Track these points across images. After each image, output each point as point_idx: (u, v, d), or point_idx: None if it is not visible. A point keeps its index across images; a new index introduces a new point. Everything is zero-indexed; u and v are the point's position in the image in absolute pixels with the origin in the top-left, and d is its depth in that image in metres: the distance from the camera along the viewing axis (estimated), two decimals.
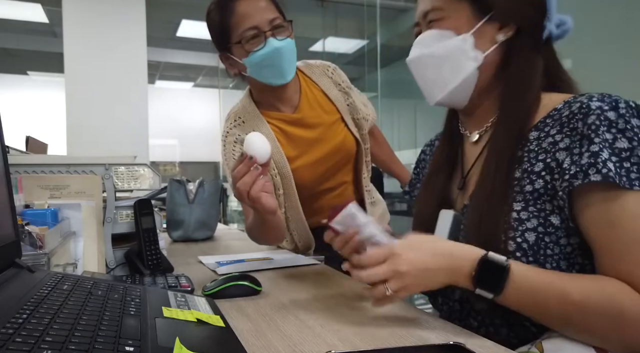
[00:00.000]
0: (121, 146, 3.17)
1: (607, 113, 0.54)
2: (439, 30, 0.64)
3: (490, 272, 0.53)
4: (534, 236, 0.57)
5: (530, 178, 0.59)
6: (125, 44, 3.30)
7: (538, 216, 0.57)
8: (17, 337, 0.33)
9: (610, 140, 0.53)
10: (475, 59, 0.63)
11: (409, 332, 0.56)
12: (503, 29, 0.63)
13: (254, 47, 0.97)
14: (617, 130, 0.53)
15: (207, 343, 0.45)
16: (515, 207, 0.59)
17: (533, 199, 0.58)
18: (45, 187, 0.82)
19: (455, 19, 0.63)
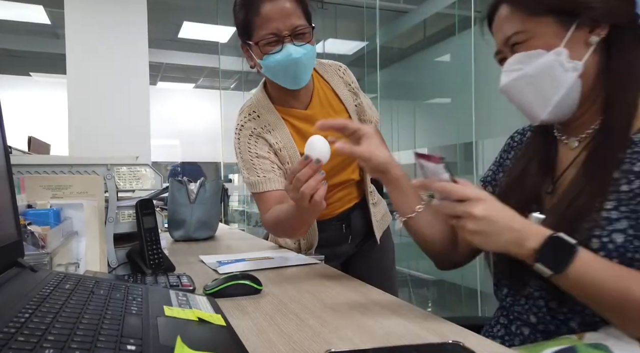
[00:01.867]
0: (123, 146, 3.17)
1: None
2: (526, 52, 0.61)
3: (556, 249, 0.52)
4: (622, 237, 0.54)
5: (627, 178, 0.56)
6: (127, 46, 3.31)
7: (629, 217, 0.55)
8: (19, 336, 0.33)
9: None
10: (575, 68, 0.60)
11: (408, 330, 0.56)
12: (595, 30, 0.60)
13: (271, 50, 0.98)
14: None
15: (208, 342, 0.46)
16: (607, 205, 0.56)
17: (627, 199, 0.56)
18: (47, 187, 0.83)
19: (541, 37, 0.60)
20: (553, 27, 0.60)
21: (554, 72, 0.60)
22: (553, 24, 0.60)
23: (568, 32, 0.59)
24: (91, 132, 3.15)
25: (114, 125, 3.23)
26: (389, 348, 0.50)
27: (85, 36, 3.19)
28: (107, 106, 3.23)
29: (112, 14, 3.26)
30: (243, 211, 6.45)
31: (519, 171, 0.72)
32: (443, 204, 0.57)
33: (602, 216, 0.56)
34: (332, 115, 1.13)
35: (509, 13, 0.63)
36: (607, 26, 0.59)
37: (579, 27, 0.59)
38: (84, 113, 3.16)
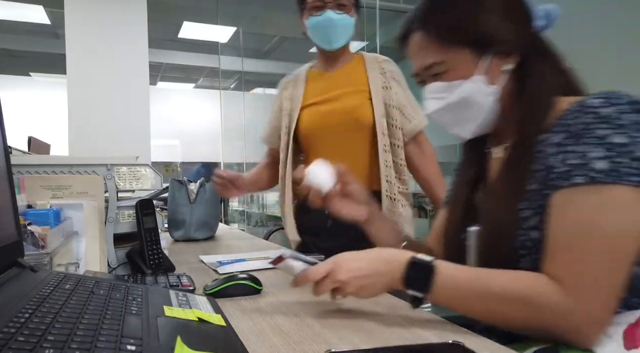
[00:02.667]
0: (123, 147, 3.17)
1: (604, 109, 0.54)
2: (448, 83, 0.66)
3: (418, 272, 0.58)
4: (537, 233, 0.58)
5: (534, 177, 0.60)
6: (127, 46, 3.30)
7: (539, 213, 0.58)
8: (19, 336, 0.33)
9: (604, 136, 0.53)
10: (493, 93, 0.65)
11: (408, 330, 0.56)
12: (508, 57, 0.64)
13: (315, 13, 1.19)
14: (614, 125, 0.53)
15: (208, 342, 0.46)
16: (520, 205, 0.60)
17: (534, 197, 0.59)
18: (47, 187, 0.83)
19: (460, 68, 0.64)
20: (469, 56, 0.64)
21: (475, 98, 0.65)
22: (469, 54, 0.64)
23: (484, 61, 0.64)
24: (91, 132, 3.15)
25: (114, 125, 3.23)
26: (389, 348, 0.50)
27: (85, 36, 3.18)
28: (107, 106, 3.23)
29: (112, 14, 3.26)
30: (243, 211, 6.46)
31: (456, 185, 0.79)
32: (317, 290, 0.61)
33: (520, 216, 0.60)
34: (351, 88, 1.24)
35: (424, 40, 0.67)
36: (518, 55, 0.65)
37: (494, 56, 0.64)
38: (84, 113, 3.16)
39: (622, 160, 0.51)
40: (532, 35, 0.66)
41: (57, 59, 5.06)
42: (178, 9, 4.81)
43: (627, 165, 0.51)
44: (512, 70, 0.65)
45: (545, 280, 0.53)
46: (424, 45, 0.67)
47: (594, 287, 0.51)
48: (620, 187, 0.51)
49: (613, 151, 0.52)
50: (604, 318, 0.52)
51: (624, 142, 0.52)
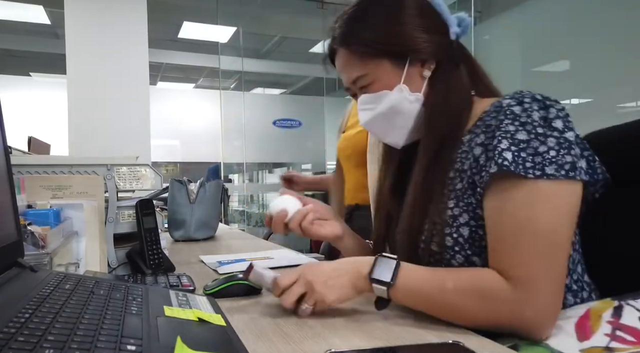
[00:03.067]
0: (123, 147, 3.17)
1: (513, 108, 0.58)
2: (374, 94, 0.69)
3: (384, 264, 0.60)
4: (467, 230, 0.61)
5: (460, 176, 0.64)
6: (127, 46, 3.30)
7: (467, 210, 0.62)
8: (19, 336, 0.33)
9: (512, 132, 0.57)
10: (417, 99, 0.69)
11: (408, 330, 0.56)
12: (425, 65, 0.68)
13: None
14: (520, 123, 0.57)
15: (209, 342, 0.46)
16: (449, 204, 0.63)
17: (462, 195, 0.63)
18: (47, 187, 0.83)
19: (382, 78, 0.68)
20: (390, 67, 0.68)
21: (402, 107, 0.68)
22: (389, 65, 0.68)
23: (404, 70, 0.67)
24: (91, 132, 3.15)
25: (114, 125, 3.23)
26: (389, 348, 0.50)
27: (85, 36, 3.18)
28: (107, 106, 3.23)
29: (112, 14, 3.25)
30: (243, 211, 6.46)
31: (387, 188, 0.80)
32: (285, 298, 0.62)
33: (448, 215, 0.63)
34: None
35: (346, 56, 0.71)
36: (434, 61, 0.68)
37: (412, 64, 0.68)
38: (83, 113, 3.16)
39: (524, 155, 0.55)
40: (446, 43, 0.69)
41: (57, 59, 5.05)
42: (178, 9, 4.80)
43: (528, 160, 0.55)
44: (429, 77, 0.69)
45: (495, 275, 0.56)
46: (347, 60, 0.71)
47: (539, 280, 0.54)
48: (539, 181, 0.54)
49: (517, 146, 0.56)
50: (554, 308, 0.55)
51: (526, 138, 0.56)
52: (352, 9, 0.71)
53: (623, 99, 2.81)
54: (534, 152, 0.55)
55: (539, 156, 0.55)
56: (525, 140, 0.56)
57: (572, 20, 2.95)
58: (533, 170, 0.54)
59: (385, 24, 0.68)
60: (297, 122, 5.37)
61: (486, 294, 0.55)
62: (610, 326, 0.52)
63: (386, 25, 0.68)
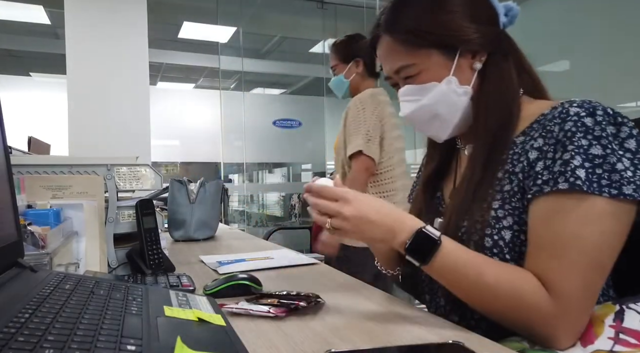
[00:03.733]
0: (123, 147, 3.17)
1: (585, 119, 0.55)
2: (420, 85, 0.66)
3: (422, 243, 0.58)
4: (510, 234, 0.60)
5: (509, 179, 0.61)
6: (127, 46, 3.30)
7: (513, 214, 0.60)
8: (19, 336, 0.33)
9: (585, 147, 0.54)
10: (466, 92, 0.66)
11: (408, 330, 0.56)
12: (476, 56, 0.66)
13: None
14: (593, 137, 0.54)
15: (209, 342, 0.46)
16: (494, 205, 0.61)
17: (509, 198, 0.61)
18: (47, 187, 0.83)
19: (431, 70, 0.65)
20: (438, 58, 0.65)
21: (449, 99, 0.65)
22: (438, 56, 0.65)
23: (453, 62, 0.64)
24: (91, 132, 3.15)
25: (114, 125, 3.23)
26: (389, 348, 0.50)
27: (85, 36, 3.18)
28: (107, 106, 3.23)
29: (112, 14, 3.25)
30: (243, 211, 6.45)
31: (422, 180, 0.79)
32: (317, 202, 0.61)
33: (491, 215, 0.61)
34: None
35: (390, 45, 0.67)
36: (485, 52, 0.66)
37: (462, 56, 0.65)
38: (83, 113, 3.16)
39: (599, 172, 0.53)
40: (496, 33, 0.66)
41: (57, 59, 5.05)
42: (178, 9, 4.80)
43: (604, 177, 0.52)
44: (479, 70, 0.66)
45: (537, 283, 0.55)
46: (391, 49, 0.67)
47: (579, 298, 0.53)
48: (599, 198, 0.52)
49: (592, 162, 0.53)
50: (582, 326, 0.54)
51: (601, 153, 0.53)
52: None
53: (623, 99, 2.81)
54: (610, 168, 0.52)
55: (617, 174, 0.52)
56: (600, 156, 0.53)
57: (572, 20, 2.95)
58: (609, 188, 0.52)
59: (432, 13, 0.64)
60: (297, 122, 5.37)
61: (525, 300, 0.54)
62: (613, 330, 0.52)
63: (433, 14, 0.64)
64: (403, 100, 0.69)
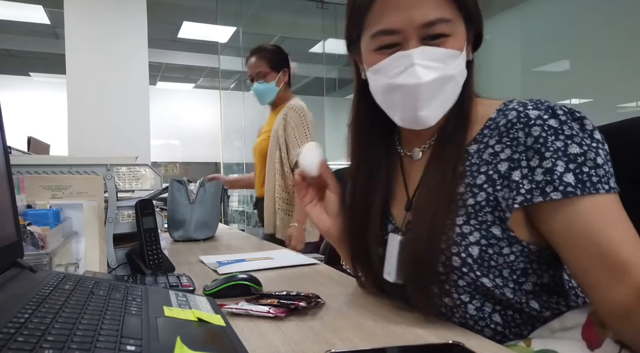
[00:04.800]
0: (123, 147, 3.17)
1: (549, 121, 0.53)
2: (448, 50, 0.56)
3: None
4: (477, 249, 0.56)
5: (472, 192, 0.58)
6: (127, 46, 3.30)
7: (480, 229, 0.57)
8: (18, 337, 0.33)
9: (562, 149, 0.52)
10: (463, 75, 0.60)
11: (408, 331, 0.56)
12: (469, 46, 0.61)
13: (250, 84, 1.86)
14: (565, 136, 0.53)
15: (208, 343, 0.46)
16: (458, 221, 0.58)
17: (475, 212, 0.57)
18: (47, 187, 0.83)
19: (459, 35, 0.57)
20: (462, 28, 0.58)
21: (459, 77, 0.58)
22: (463, 25, 0.58)
23: (466, 39, 0.59)
24: (91, 132, 3.15)
25: (113, 125, 3.23)
26: (389, 348, 0.50)
27: (85, 36, 3.18)
28: (107, 106, 3.23)
29: (111, 14, 3.25)
30: (243, 211, 6.45)
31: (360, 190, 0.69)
32: None
33: (456, 232, 0.57)
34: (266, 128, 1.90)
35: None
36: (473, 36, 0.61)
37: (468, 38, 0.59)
38: (83, 113, 3.16)
39: (586, 170, 0.51)
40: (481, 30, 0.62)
41: (56, 59, 5.05)
42: (178, 9, 4.80)
43: (592, 174, 0.51)
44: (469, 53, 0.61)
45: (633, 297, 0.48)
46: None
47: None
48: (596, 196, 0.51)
49: (575, 161, 0.51)
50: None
51: (580, 151, 0.52)
52: None
53: (623, 99, 2.81)
54: (594, 164, 0.51)
55: (601, 168, 0.51)
56: (580, 153, 0.51)
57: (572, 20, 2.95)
58: (601, 185, 0.50)
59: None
60: None
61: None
62: None
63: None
64: (423, 64, 0.56)
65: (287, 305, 0.62)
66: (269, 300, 0.64)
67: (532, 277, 0.57)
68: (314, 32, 5.36)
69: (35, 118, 6.41)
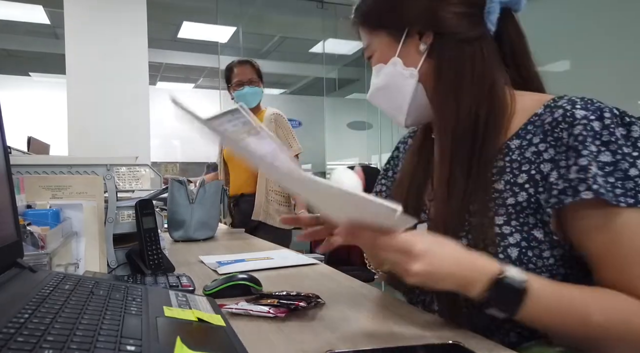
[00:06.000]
0: (122, 147, 3.17)
1: (593, 123, 0.52)
2: (376, 66, 0.67)
3: (505, 293, 0.49)
4: (517, 251, 0.55)
5: (513, 191, 0.57)
6: (127, 46, 3.30)
7: (521, 230, 0.55)
8: (18, 337, 0.33)
9: (595, 153, 0.51)
10: (412, 75, 0.63)
11: (408, 331, 0.56)
12: (422, 38, 0.63)
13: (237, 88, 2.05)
14: (602, 142, 0.51)
15: (208, 343, 0.46)
16: (498, 221, 0.56)
17: (516, 213, 0.56)
18: (47, 187, 0.83)
19: (380, 51, 0.66)
20: (387, 39, 0.64)
21: (397, 81, 0.64)
22: (386, 37, 0.64)
23: (399, 43, 0.63)
24: (91, 132, 3.15)
25: (113, 125, 3.23)
26: (390, 348, 0.50)
27: (85, 36, 3.18)
28: (107, 106, 3.23)
29: (111, 14, 3.25)
30: None
31: (401, 178, 0.73)
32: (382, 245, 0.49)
33: (496, 232, 0.56)
34: None
35: (359, 27, 0.69)
36: (431, 34, 0.62)
37: (409, 37, 0.63)
38: (83, 113, 3.16)
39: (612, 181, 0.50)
40: (462, 13, 0.60)
41: (56, 59, 5.05)
42: (178, 9, 4.80)
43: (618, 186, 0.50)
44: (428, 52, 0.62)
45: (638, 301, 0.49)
46: (359, 31, 0.69)
47: None
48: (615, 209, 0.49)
49: (602, 170, 0.50)
50: None
51: (611, 160, 0.51)
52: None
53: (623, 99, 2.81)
54: (623, 176, 0.50)
55: (631, 181, 0.49)
56: (610, 163, 0.50)
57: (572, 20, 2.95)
58: (625, 198, 0.49)
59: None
60: (297, 122, 5.36)
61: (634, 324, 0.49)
62: None
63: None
64: (372, 82, 0.68)
65: (287, 305, 0.62)
66: (269, 300, 0.64)
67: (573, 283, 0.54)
68: (314, 32, 5.36)
69: (35, 118, 6.41)
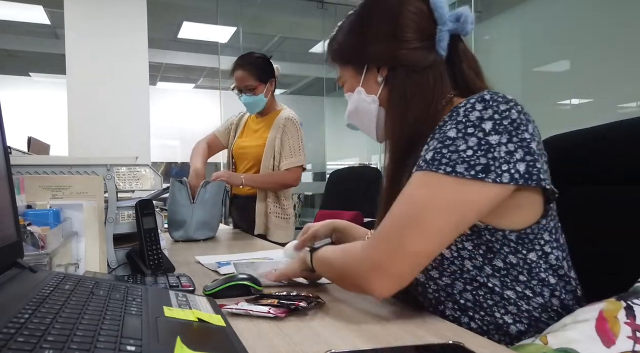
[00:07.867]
0: (123, 147, 3.17)
1: (461, 108, 0.60)
2: (347, 93, 0.79)
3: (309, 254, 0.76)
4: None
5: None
6: (127, 46, 3.30)
7: None
8: (18, 337, 0.33)
9: (445, 130, 0.60)
10: (374, 101, 0.75)
11: (408, 331, 0.56)
12: (379, 71, 0.73)
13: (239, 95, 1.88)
14: (456, 121, 0.59)
15: (208, 343, 0.46)
16: None
17: None
18: (47, 187, 0.83)
19: (348, 81, 0.78)
20: (352, 72, 0.77)
21: (363, 106, 0.76)
22: (352, 70, 0.77)
23: (362, 76, 0.75)
24: (91, 132, 3.15)
25: (114, 125, 3.23)
26: (390, 348, 0.50)
27: (85, 36, 3.18)
28: (107, 106, 3.23)
29: (112, 14, 3.26)
30: None
31: None
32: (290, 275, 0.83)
33: None
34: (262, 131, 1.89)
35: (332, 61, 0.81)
36: (387, 68, 0.73)
37: (369, 71, 0.75)
38: (83, 113, 3.16)
39: (444, 151, 0.58)
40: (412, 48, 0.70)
41: (56, 59, 5.05)
42: (178, 9, 4.80)
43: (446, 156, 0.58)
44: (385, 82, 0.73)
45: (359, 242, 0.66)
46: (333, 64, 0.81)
47: (383, 239, 0.59)
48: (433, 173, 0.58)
49: (443, 142, 0.59)
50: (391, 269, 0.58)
51: (454, 136, 0.59)
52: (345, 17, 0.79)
53: (623, 99, 2.81)
54: (455, 149, 0.58)
55: (456, 153, 0.57)
56: (452, 138, 0.59)
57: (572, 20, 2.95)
58: (445, 166, 0.57)
59: (349, 35, 0.76)
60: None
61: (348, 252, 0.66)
62: (629, 328, 0.51)
63: (349, 36, 0.76)
64: None
65: (287, 305, 0.62)
66: (269, 301, 0.64)
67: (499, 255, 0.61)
68: (314, 32, 5.36)
69: (35, 118, 6.41)
